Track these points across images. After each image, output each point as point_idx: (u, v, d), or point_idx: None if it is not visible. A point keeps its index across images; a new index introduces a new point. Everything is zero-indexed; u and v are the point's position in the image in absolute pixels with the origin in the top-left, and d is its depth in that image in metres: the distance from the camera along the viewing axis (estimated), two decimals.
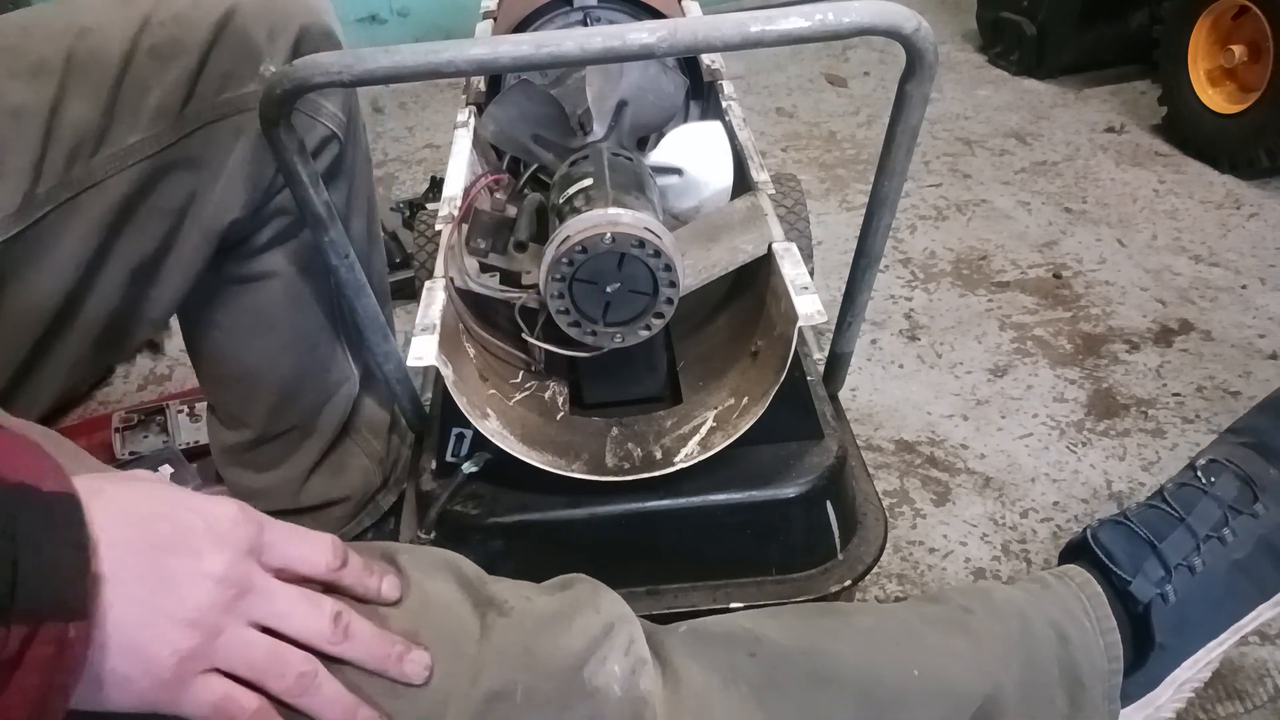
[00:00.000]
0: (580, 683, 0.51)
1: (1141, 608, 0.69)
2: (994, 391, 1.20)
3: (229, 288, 0.81)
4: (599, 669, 0.52)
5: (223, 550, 0.43)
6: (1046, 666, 0.65)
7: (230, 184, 0.73)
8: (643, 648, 0.55)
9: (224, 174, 0.72)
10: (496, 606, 0.53)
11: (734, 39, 0.55)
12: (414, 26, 2.39)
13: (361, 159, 0.85)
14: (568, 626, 0.53)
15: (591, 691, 0.51)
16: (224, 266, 0.79)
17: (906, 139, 0.64)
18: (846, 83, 2.12)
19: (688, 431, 0.72)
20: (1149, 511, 0.73)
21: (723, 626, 0.61)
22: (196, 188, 0.72)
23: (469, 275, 0.73)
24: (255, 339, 0.83)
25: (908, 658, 0.61)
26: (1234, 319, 1.28)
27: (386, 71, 0.55)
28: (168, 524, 0.42)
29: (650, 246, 0.63)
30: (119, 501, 0.41)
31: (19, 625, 0.34)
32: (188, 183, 0.71)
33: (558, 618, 0.53)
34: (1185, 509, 0.72)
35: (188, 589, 0.41)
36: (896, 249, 1.49)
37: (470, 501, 0.71)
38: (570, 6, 0.90)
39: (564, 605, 0.55)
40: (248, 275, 0.80)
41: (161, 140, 0.69)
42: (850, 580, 0.73)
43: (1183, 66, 1.66)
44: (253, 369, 0.84)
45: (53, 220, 0.66)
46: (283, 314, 0.82)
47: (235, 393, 0.87)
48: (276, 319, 0.82)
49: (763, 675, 0.57)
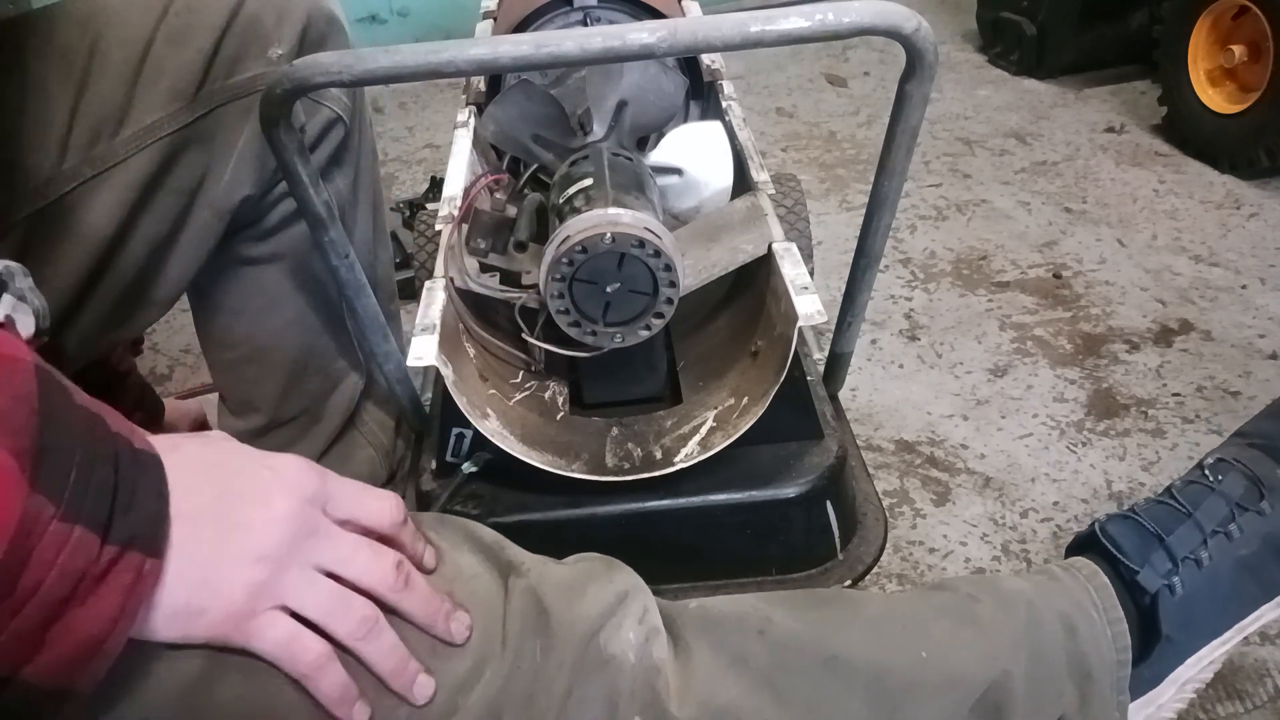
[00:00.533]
0: (596, 649, 0.52)
1: (1148, 599, 0.69)
2: (994, 391, 1.20)
3: (239, 268, 0.83)
4: (614, 635, 0.53)
5: (289, 496, 0.46)
6: (1054, 658, 0.65)
7: (240, 164, 0.76)
8: (655, 617, 0.56)
9: (234, 154, 0.75)
10: (515, 569, 0.54)
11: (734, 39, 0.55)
12: (414, 26, 2.39)
13: (367, 148, 0.87)
14: (582, 593, 0.54)
15: (607, 659, 0.52)
16: (234, 247, 0.81)
17: (906, 139, 0.64)
18: (846, 83, 2.12)
19: (688, 431, 0.72)
20: (1157, 507, 0.74)
21: (732, 607, 0.61)
22: (208, 167, 0.75)
23: (469, 275, 0.73)
24: (264, 318, 0.85)
25: (916, 646, 0.61)
26: (1234, 319, 1.28)
27: (386, 71, 0.55)
28: (237, 474, 0.45)
29: (650, 246, 0.63)
30: (194, 456, 0.45)
31: (110, 546, 0.38)
32: (200, 162, 0.74)
33: (573, 584, 0.55)
34: (1192, 505, 0.72)
35: (258, 530, 0.44)
36: (896, 249, 1.49)
37: (470, 501, 0.71)
38: (570, 6, 0.90)
39: (578, 574, 0.56)
40: (258, 256, 0.83)
41: (178, 120, 0.72)
42: (850, 580, 0.73)
43: (1183, 66, 1.66)
44: (262, 348, 0.87)
45: (78, 195, 0.69)
46: (291, 294, 0.85)
47: (245, 375, 0.89)
48: (285, 298, 0.85)
49: (773, 658, 0.58)
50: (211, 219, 0.77)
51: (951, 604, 0.66)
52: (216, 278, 0.83)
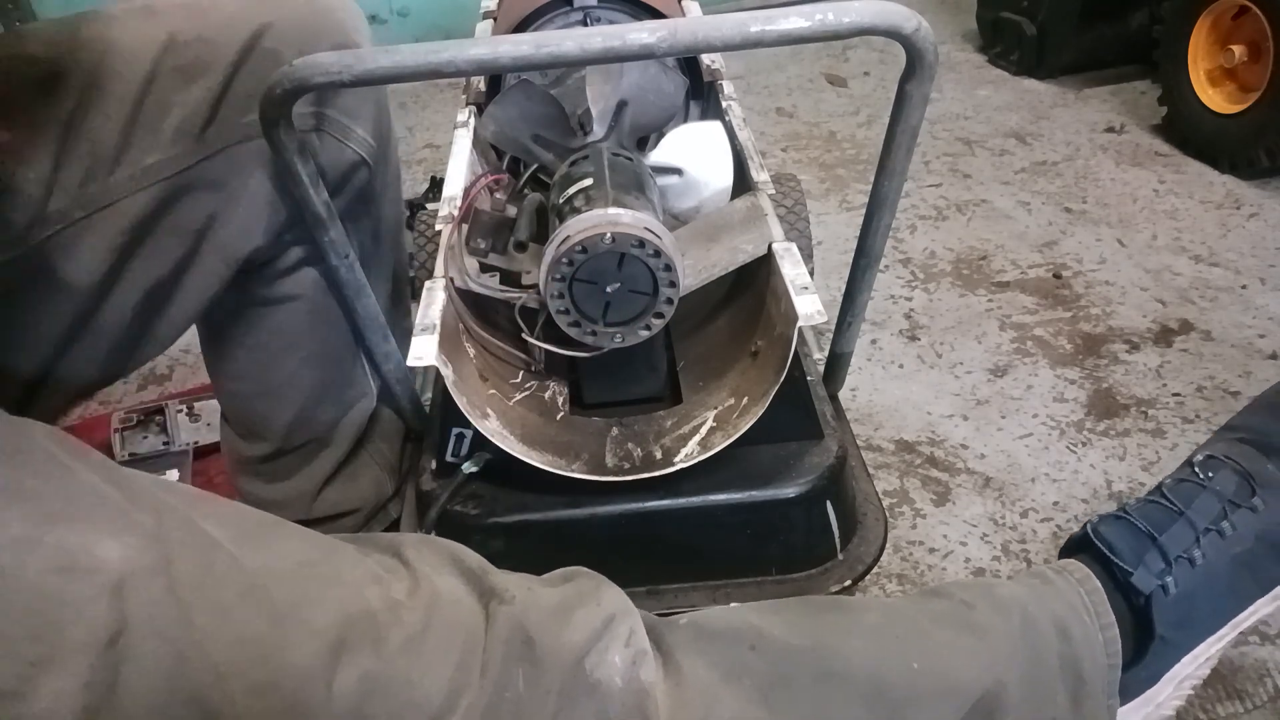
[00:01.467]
0: (583, 675, 0.51)
1: (1143, 599, 0.69)
2: (994, 391, 1.20)
3: (254, 309, 0.79)
4: (600, 660, 0.52)
5: None
6: (1048, 662, 0.65)
7: (251, 208, 0.71)
8: (643, 639, 0.55)
9: (245, 197, 0.71)
10: (499, 596, 0.53)
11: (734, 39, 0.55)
12: (414, 26, 2.39)
13: (391, 195, 0.84)
14: (568, 619, 0.53)
15: (594, 684, 0.51)
16: (248, 288, 0.77)
17: (906, 139, 0.64)
18: (846, 83, 2.11)
19: (688, 431, 0.72)
20: (1148, 506, 0.74)
21: (724, 621, 0.61)
22: (216, 210, 0.70)
23: (469, 275, 0.73)
24: (279, 359, 0.82)
25: (912, 656, 0.61)
26: (1234, 319, 1.28)
27: (386, 71, 0.55)
28: None
29: (650, 246, 0.63)
30: None
31: None
32: (207, 205, 0.70)
33: (559, 610, 0.54)
34: (1184, 503, 0.73)
35: None
36: (896, 249, 1.49)
37: (470, 501, 0.71)
38: (570, 6, 0.90)
39: (565, 597, 0.55)
40: (272, 297, 0.79)
41: (181, 161, 0.67)
42: (850, 580, 0.73)
43: (1183, 66, 1.66)
44: (275, 387, 0.83)
45: (66, 237, 0.64)
46: (306, 334, 0.81)
47: (255, 408, 0.86)
48: (301, 339, 0.81)
49: (768, 671, 0.57)
50: (218, 265, 0.72)
51: (947, 611, 0.66)
52: (229, 316, 0.79)
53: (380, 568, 0.52)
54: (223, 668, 0.43)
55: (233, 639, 0.44)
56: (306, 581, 0.48)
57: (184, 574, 0.43)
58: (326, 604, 0.47)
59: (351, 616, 0.48)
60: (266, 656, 0.45)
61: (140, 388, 1.33)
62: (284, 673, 0.45)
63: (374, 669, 0.47)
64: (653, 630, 0.57)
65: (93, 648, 0.39)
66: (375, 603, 0.49)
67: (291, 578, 0.48)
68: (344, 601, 0.48)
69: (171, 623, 0.42)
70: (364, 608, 0.49)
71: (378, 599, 0.50)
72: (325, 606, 0.47)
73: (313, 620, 0.47)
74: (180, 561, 0.43)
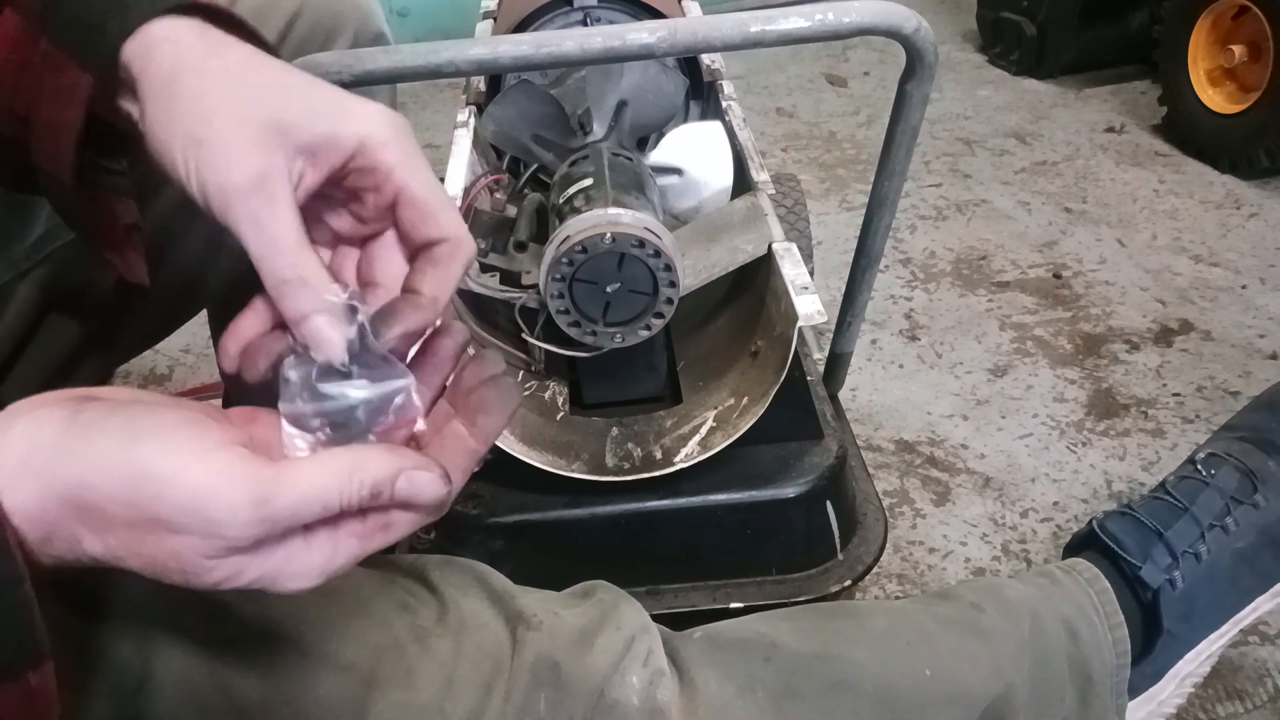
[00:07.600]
0: (604, 700, 0.52)
1: (1150, 594, 0.69)
2: (994, 391, 1.20)
3: None
4: (619, 681, 0.53)
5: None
6: (1057, 663, 0.65)
7: None
8: (660, 658, 0.55)
9: None
10: (525, 621, 0.53)
11: (734, 39, 0.55)
12: (414, 26, 2.38)
13: None
14: (592, 645, 0.54)
15: (611, 705, 0.52)
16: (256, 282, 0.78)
17: (906, 139, 0.64)
18: (846, 83, 2.11)
19: (688, 431, 0.72)
20: (1153, 503, 0.74)
21: (737, 633, 0.61)
22: None
23: (469, 275, 0.73)
24: None
25: (922, 663, 0.61)
26: (1234, 319, 1.28)
27: (386, 71, 0.55)
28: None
29: (650, 246, 0.63)
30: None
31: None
32: None
33: (583, 635, 0.54)
34: (1188, 499, 0.73)
35: None
36: (896, 249, 1.49)
37: (470, 501, 0.71)
38: (570, 6, 0.90)
39: (588, 621, 0.55)
40: None
41: None
42: (850, 580, 0.73)
43: (1183, 66, 1.66)
44: None
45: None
46: None
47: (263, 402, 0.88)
48: None
49: (780, 682, 0.58)
50: (232, 260, 0.72)
51: (956, 615, 0.66)
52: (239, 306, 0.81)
53: (406, 593, 0.53)
54: (250, 709, 0.43)
55: (257, 678, 0.44)
56: (330, 613, 0.48)
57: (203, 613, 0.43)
58: (353, 636, 0.48)
59: (380, 649, 0.48)
60: (295, 697, 0.45)
61: (140, 388, 1.32)
62: (313, 712, 0.45)
63: (406, 699, 0.47)
64: (668, 645, 0.57)
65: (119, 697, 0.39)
66: (403, 634, 0.50)
67: (315, 609, 0.48)
68: (372, 633, 0.49)
69: (193, 667, 0.42)
70: (393, 640, 0.49)
71: (405, 629, 0.50)
72: (353, 639, 0.48)
73: (340, 655, 0.47)
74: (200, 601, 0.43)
